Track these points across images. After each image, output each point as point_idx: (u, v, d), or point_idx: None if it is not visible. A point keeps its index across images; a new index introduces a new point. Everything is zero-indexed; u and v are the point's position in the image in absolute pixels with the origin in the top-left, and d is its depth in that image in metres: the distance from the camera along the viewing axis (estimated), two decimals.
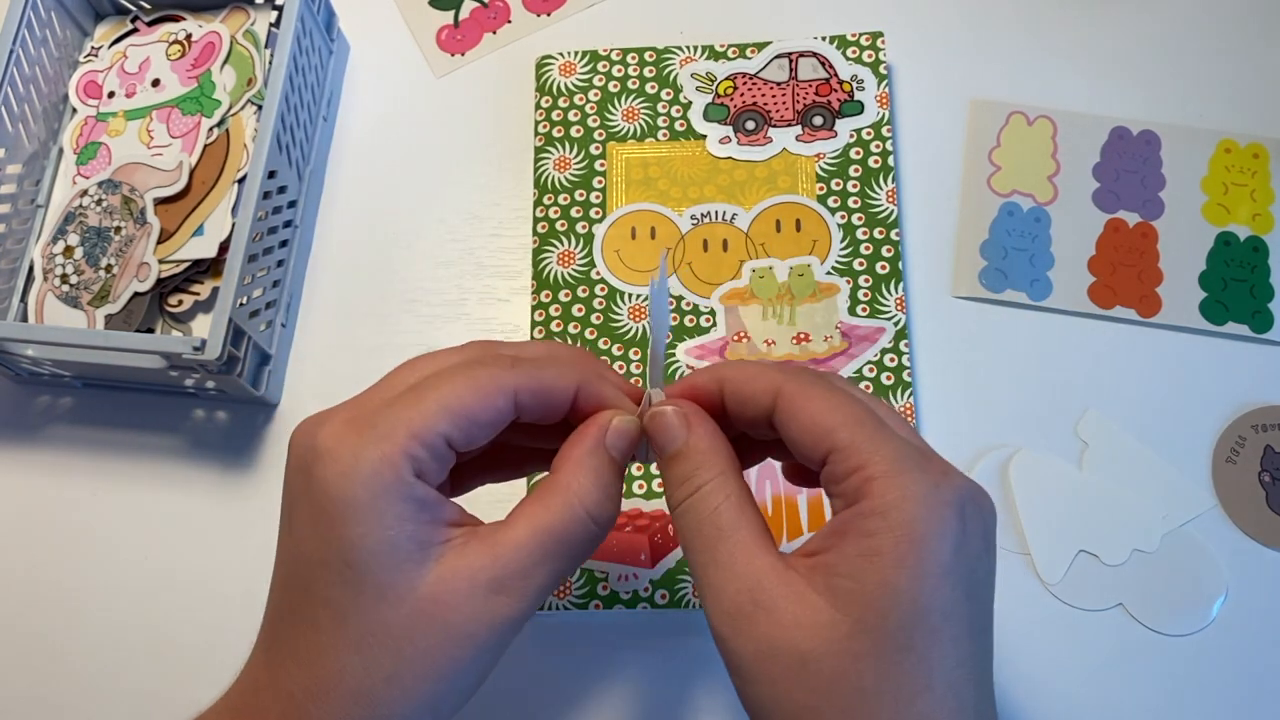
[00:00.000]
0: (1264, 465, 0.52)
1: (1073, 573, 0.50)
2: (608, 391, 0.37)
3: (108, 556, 0.53)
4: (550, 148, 0.57)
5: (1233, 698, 0.48)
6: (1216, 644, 0.49)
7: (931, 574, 0.31)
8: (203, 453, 0.55)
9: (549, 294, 0.54)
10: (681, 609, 0.49)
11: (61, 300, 0.54)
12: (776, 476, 0.49)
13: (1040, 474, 0.52)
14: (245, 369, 0.51)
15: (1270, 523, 0.51)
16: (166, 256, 0.54)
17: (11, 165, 0.55)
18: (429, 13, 0.63)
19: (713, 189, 0.56)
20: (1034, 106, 0.59)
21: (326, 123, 0.60)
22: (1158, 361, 0.54)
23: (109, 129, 0.57)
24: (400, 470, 0.32)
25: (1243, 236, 0.55)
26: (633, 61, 0.58)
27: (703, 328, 0.53)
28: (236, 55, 0.58)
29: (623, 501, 0.49)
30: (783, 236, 0.55)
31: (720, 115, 0.57)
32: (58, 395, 0.56)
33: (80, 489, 0.54)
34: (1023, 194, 0.57)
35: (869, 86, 0.57)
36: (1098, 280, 0.55)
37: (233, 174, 0.55)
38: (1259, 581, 0.50)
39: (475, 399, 0.34)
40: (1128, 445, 0.52)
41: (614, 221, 0.55)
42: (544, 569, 0.34)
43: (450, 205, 0.59)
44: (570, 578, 0.49)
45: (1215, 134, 0.58)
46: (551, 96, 0.58)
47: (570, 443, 0.36)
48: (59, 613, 0.53)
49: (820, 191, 0.55)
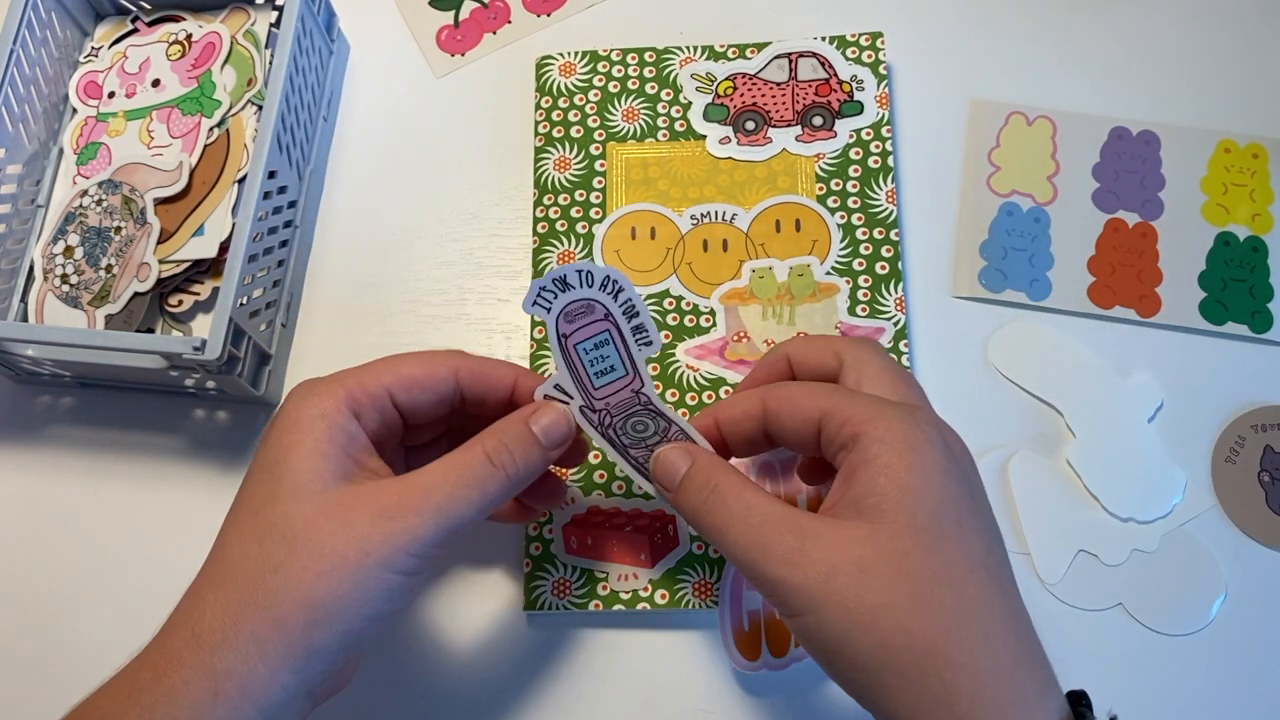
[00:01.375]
0: (1264, 465, 0.52)
1: (1072, 573, 0.50)
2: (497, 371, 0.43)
3: (108, 556, 0.53)
4: (550, 148, 0.57)
5: (1233, 697, 0.48)
6: (1216, 644, 0.49)
7: (934, 472, 0.35)
8: (203, 453, 0.55)
9: None
10: (681, 609, 0.49)
11: (62, 300, 0.54)
12: (776, 476, 0.49)
13: (1040, 474, 0.52)
14: (245, 369, 0.51)
15: (1270, 522, 0.51)
16: (167, 256, 0.54)
17: (12, 165, 0.55)
18: (429, 13, 0.63)
19: (712, 189, 0.56)
20: (1033, 106, 0.59)
21: (326, 123, 0.60)
22: (1157, 361, 0.54)
23: (109, 129, 0.57)
24: (339, 404, 0.39)
25: (1242, 236, 0.56)
26: (633, 62, 0.58)
27: (703, 328, 0.53)
28: (237, 55, 0.58)
29: (621, 501, 0.50)
30: (782, 236, 0.55)
31: (720, 115, 0.57)
32: (58, 395, 0.56)
33: (80, 489, 0.54)
34: (1022, 194, 0.57)
35: (869, 87, 0.57)
36: (1097, 280, 0.55)
37: (233, 174, 0.55)
38: (1258, 581, 0.50)
39: (420, 368, 0.41)
40: (1127, 445, 0.52)
41: (614, 221, 0.55)
42: (449, 506, 0.38)
43: (450, 205, 0.59)
44: (570, 578, 0.49)
45: (1214, 134, 0.58)
46: (551, 97, 0.58)
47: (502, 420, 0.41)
48: (59, 613, 0.53)
49: (820, 192, 0.55)
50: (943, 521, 0.35)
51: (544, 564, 0.50)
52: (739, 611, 0.47)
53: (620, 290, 0.41)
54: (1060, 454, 0.52)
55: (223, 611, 0.35)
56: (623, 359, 0.41)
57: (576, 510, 0.50)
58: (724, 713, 0.49)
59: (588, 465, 0.51)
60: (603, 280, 0.40)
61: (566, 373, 0.41)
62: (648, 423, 0.42)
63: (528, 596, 0.50)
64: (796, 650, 0.47)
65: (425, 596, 0.51)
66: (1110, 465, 0.52)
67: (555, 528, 0.50)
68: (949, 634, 0.34)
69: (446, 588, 0.51)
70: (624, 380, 0.42)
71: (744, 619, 0.47)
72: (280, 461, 0.38)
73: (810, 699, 0.49)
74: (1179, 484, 0.51)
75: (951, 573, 0.34)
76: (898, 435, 0.36)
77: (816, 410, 0.38)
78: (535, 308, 0.40)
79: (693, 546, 0.50)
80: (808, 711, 0.49)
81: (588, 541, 0.50)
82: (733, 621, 0.47)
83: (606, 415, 0.42)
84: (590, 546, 0.50)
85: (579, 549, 0.50)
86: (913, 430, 0.36)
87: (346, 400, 0.39)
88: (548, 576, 0.50)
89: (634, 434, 0.42)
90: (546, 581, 0.49)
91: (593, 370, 0.41)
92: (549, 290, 0.40)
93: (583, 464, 0.51)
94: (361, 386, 0.40)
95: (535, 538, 0.50)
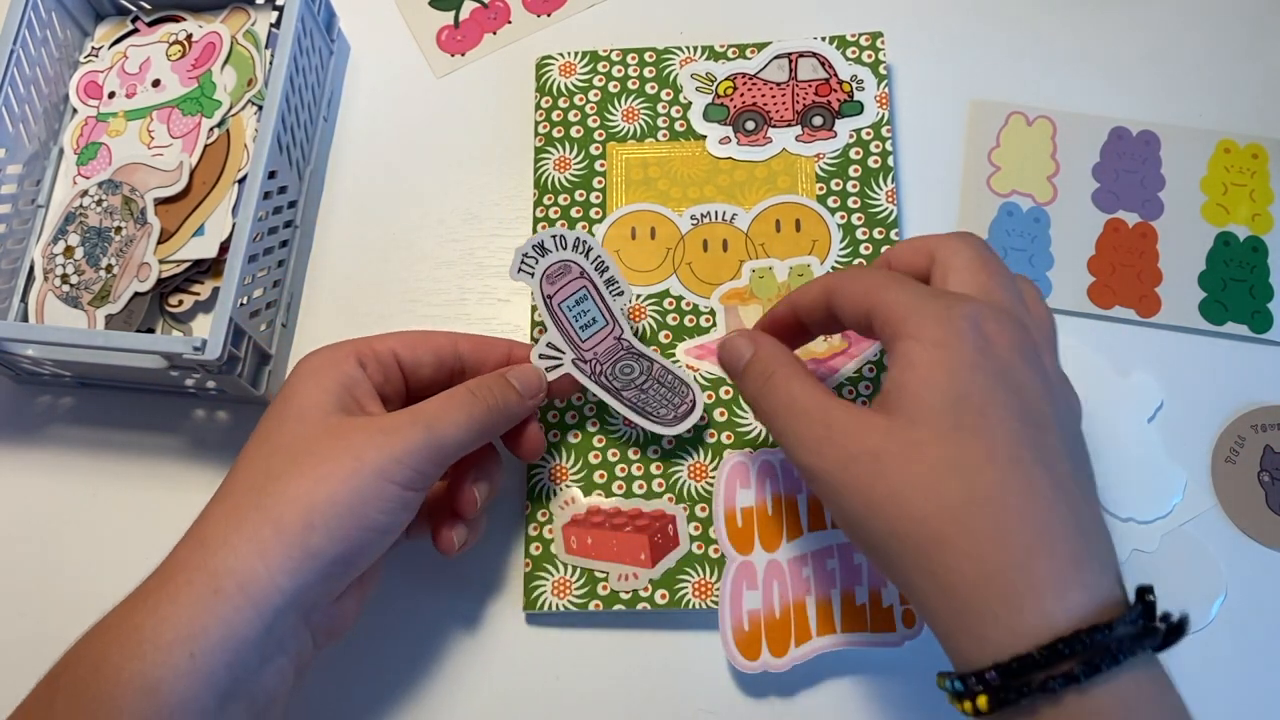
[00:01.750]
0: (1263, 465, 0.52)
1: None
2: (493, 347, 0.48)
3: (108, 556, 0.53)
4: (550, 148, 0.57)
5: (1233, 697, 0.48)
6: (1216, 644, 0.49)
7: (960, 368, 0.36)
8: (203, 453, 0.55)
9: None
10: (681, 609, 0.49)
11: (62, 300, 0.54)
12: (777, 475, 0.50)
13: None
14: (246, 369, 0.51)
15: (1270, 522, 0.51)
16: (167, 256, 0.54)
17: (12, 165, 0.55)
18: (429, 13, 0.63)
19: (712, 189, 0.56)
20: (1033, 106, 0.59)
21: (326, 123, 0.60)
22: (1157, 361, 0.54)
23: (109, 129, 0.57)
24: (347, 353, 0.44)
25: (1242, 236, 0.56)
26: (633, 62, 0.58)
27: (703, 327, 0.53)
28: (237, 55, 0.58)
29: (621, 501, 0.50)
30: (782, 236, 0.55)
31: (720, 115, 0.57)
32: (58, 395, 0.56)
33: (80, 489, 0.54)
34: (1022, 194, 0.57)
35: (869, 87, 0.57)
36: (1097, 280, 0.55)
37: (233, 174, 0.55)
38: (1258, 581, 0.50)
39: (423, 338, 0.46)
40: (1127, 445, 0.52)
41: (614, 222, 0.55)
42: (438, 425, 0.42)
43: (450, 205, 0.59)
44: (570, 578, 0.49)
45: (1214, 134, 0.58)
46: (552, 97, 0.58)
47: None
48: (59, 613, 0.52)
49: (820, 192, 0.55)
50: (962, 413, 0.35)
51: (544, 564, 0.50)
52: (739, 611, 0.47)
53: (590, 249, 0.49)
54: None
55: (225, 518, 0.39)
56: (601, 311, 0.49)
57: (576, 510, 0.50)
58: (724, 713, 0.49)
59: (588, 466, 0.51)
60: (574, 242, 0.49)
61: (556, 331, 0.48)
62: (633, 365, 0.49)
63: (528, 597, 0.50)
64: (796, 650, 0.47)
65: (426, 597, 0.51)
66: (1110, 465, 0.52)
67: (555, 528, 0.50)
68: (957, 522, 0.34)
69: (446, 589, 0.51)
70: (606, 330, 0.49)
71: (744, 619, 0.47)
72: (288, 399, 0.42)
73: (811, 699, 0.49)
74: (1179, 484, 0.52)
75: (965, 461, 0.35)
76: (929, 331, 0.37)
77: (865, 306, 0.40)
78: (520, 274, 0.48)
79: (692, 546, 0.50)
80: (808, 712, 0.49)
81: (588, 541, 0.50)
82: (733, 621, 0.47)
83: (596, 364, 0.48)
84: (590, 546, 0.50)
85: (579, 549, 0.50)
86: (944, 325, 0.36)
87: (353, 351, 0.44)
88: (548, 577, 0.50)
89: (623, 377, 0.49)
90: (546, 582, 0.50)
91: (578, 324, 0.49)
92: (530, 256, 0.48)
93: (583, 465, 0.51)
94: (367, 343, 0.45)
95: (535, 538, 0.50)
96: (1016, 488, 0.34)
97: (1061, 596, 0.33)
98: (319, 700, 0.50)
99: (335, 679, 0.50)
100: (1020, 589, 0.33)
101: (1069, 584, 0.33)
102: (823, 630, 0.47)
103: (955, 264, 0.40)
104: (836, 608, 0.48)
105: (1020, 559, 0.33)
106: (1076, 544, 0.34)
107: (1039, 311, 0.40)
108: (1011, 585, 0.33)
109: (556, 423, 0.52)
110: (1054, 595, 0.33)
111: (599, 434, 0.52)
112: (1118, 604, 0.34)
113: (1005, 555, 0.33)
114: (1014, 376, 0.36)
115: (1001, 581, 0.33)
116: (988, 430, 0.35)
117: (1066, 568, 0.33)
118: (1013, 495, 0.34)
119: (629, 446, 0.51)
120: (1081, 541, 0.34)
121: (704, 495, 0.50)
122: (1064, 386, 0.39)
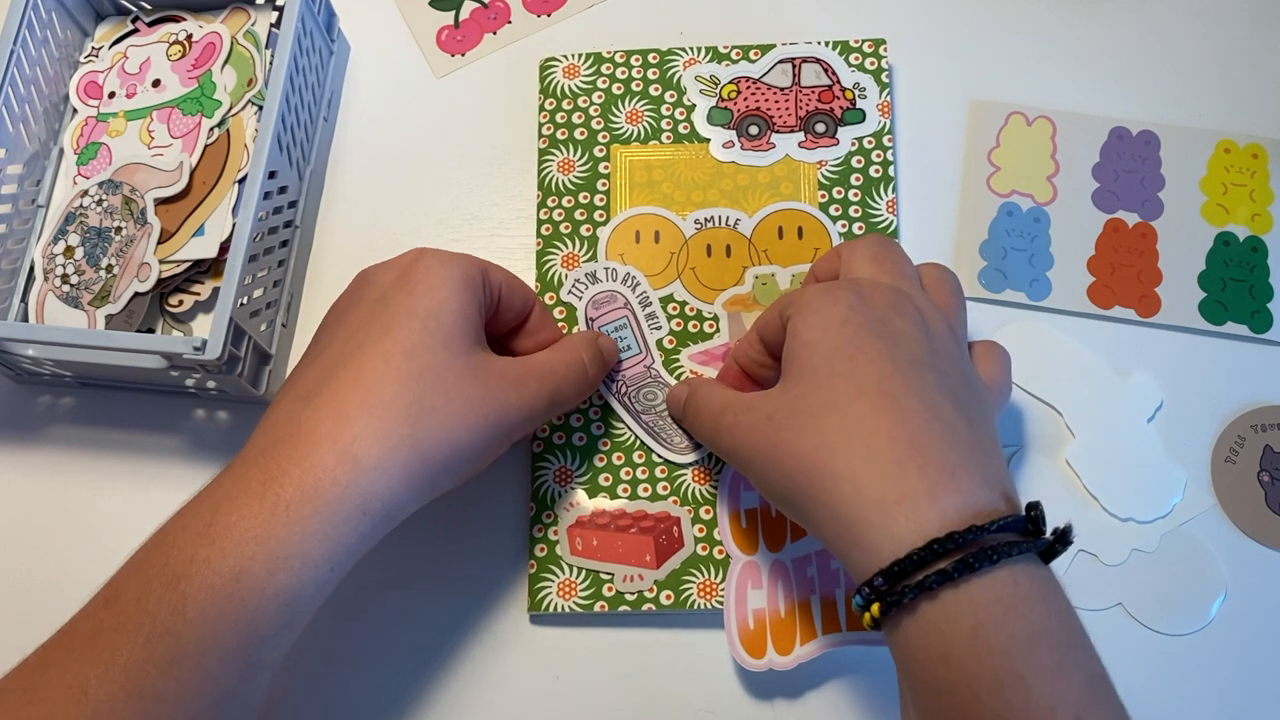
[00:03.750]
0: (1263, 465, 0.52)
1: (1072, 572, 0.50)
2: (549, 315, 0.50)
3: (109, 557, 0.53)
4: (554, 150, 0.57)
5: (1233, 697, 0.49)
6: (1216, 644, 0.49)
7: (830, 324, 0.39)
8: (203, 453, 0.55)
9: (553, 296, 0.54)
10: (686, 610, 0.49)
11: (62, 300, 0.54)
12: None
13: (1039, 474, 0.52)
14: (246, 369, 0.51)
15: (1269, 522, 0.51)
16: (167, 256, 0.54)
17: (12, 165, 0.55)
18: (429, 13, 0.63)
19: (716, 193, 0.56)
20: (1033, 107, 0.59)
21: (327, 123, 0.60)
22: (1157, 361, 0.54)
23: (109, 129, 0.57)
24: (480, 274, 0.44)
25: (1242, 236, 0.56)
26: (636, 63, 0.58)
27: (706, 333, 0.53)
28: (237, 56, 0.58)
29: (626, 503, 0.50)
30: (785, 243, 0.55)
31: (724, 119, 0.57)
32: (58, 395, 0.56)
33: (80, 489, 0.54)
34: (1022, 194, 0.57)
35: (871, 94, 0.57)
36: (1097, 280, 0.55)
37: (233, 174, 0.55)
38: (1258, 581, 0.50)
39: (521, 284, 0.48)
40: (1127, 445, 0.52)
41: (618, 225, 0.55)
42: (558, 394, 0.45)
43: (450, 205, 0.59)
44: (575, 580, 0.49)
45: (1214, 134, 0.58)
46: (555, 99, 0.58)
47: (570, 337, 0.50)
48: (59, 613, 0.52)
49: (822, 199, 0.55)
50: (834, 362, 0.39)
51: (549, 566, 0.50)
52: (744, 610, 0.48)
53: (637, 284, 0.54)
54: (1060, 454, 0.53)
55: (381, 441, 0.39)
56: (637, 339, 0.53)
57: (581, 512, 0.51)
58: (729, 713, 0.49)
59: (593, 468, 0.51)
60: (624, 276, 0.54)
61: None
62: (656, 392, 0.52)
63: (533, 599, 0.50)
64: (802, 649, 0.47)
65: (428, 598, 0.51)
66: (1110, 465, 0.52)
67: (560, 529, 0.50)
68: (833, 451, 0.37)
69: (451, 591, 0.51)
70: (638, 358, 0.53)
71: (749, 617, 0.47)
72: (434, 314, 0.42)
73: (814, 699, 0.49)
74: (1178, 484, 0.52)
75: (837, 400, 0.38)
76: (807, 304, 0.41)
77: (781, 319, 0.42)
78: (570, 296, 0.53)
79: (697, 548, 0.50)
80: (811, 712, 0.49)
81: (593, 543, 0.50)
82: (738, 620, 0.47)
83: (624, 386, 0.52)
84: (595, 548, 0.50)
85: (584, 550, 0.50)
86: (822, 295, 0.41)
87: (482, 271, 0.45)
88: (553, 578, 0.50)
89: (645, 402, 0.52)
90: (552, 583, 0.50)
91: None
92: (581, 282, 0.54)
93: (588, 467, 0.51)
94: (486, 267, 0.45)
95: (540, 539, 0.50)
96: (887, 413, 0.37)
97: (935, 501, 0.35)
98: (322, 700, 0.50)
99: (338, 679, 0.50)
100: (894, 497, 0.35)
101: (943, 489, 0.35)
102: (827, 629, 0.47)
103: (854, 260, 0.44)
104: (841, 607, 0.48)
105: (891, 470, 0.36)
106: (950, 457, 0.36)
107: (941, 295, 0.44)
108: (885, 495, 0.35)
109: (562, 425, 0.52)
110: (927, 501, 0.35)
111: (604, 437, 0.52)
112: (998, 513, 0.35)
113: (876, 470, 0.36)
114: (888, 326, 0.40)
115: (875, 493, 0.36)
116: (859, 371, 0.38)
117: (940, 476, 0.35)
118: (884, 419, 0.37)
119: (634, 450, 0.51)
120: (955, 456, 0.36)
121: (708, 498, 0.50)
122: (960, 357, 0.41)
